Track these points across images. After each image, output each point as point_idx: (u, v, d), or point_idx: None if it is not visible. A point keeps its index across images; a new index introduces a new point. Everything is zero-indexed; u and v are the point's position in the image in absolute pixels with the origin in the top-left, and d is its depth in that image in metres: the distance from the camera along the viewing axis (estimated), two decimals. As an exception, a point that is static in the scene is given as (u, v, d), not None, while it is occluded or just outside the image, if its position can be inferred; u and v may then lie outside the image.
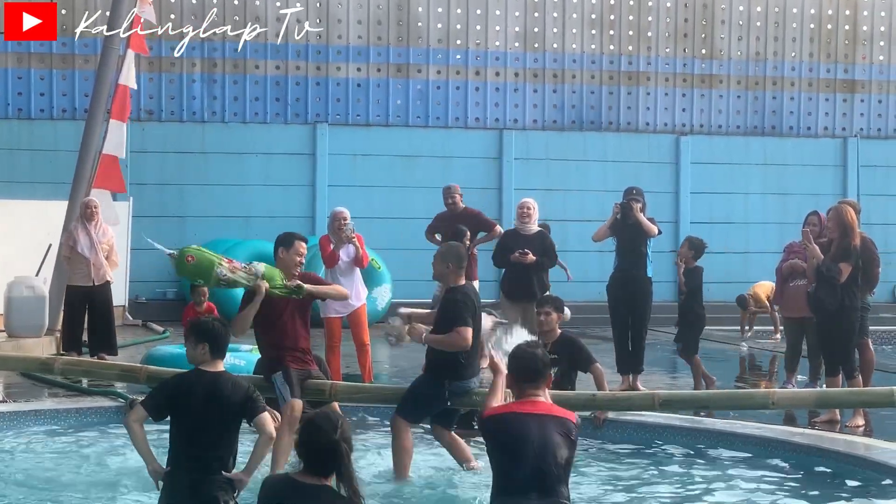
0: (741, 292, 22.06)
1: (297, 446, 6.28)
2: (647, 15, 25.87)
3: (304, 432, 6.27)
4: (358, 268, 14.76)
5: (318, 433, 6.19)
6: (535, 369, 7.19)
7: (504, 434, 6.96)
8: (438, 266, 10.30)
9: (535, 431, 6.89)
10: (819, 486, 10.32)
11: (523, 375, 7.21)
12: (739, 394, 11.51)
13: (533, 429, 6.90)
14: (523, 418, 6.96)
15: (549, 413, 7.05)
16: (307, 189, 24.32)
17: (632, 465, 11.13)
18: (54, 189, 20.06)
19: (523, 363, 7.23)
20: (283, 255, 10.44)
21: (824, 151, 26.48)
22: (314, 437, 6.20)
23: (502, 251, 15.06)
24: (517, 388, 7.25)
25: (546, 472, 6.83)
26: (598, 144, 25.45)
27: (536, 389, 7.16)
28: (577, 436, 7.06)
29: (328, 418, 6.33)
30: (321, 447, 6.16)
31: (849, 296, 12.50)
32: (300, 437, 6.29)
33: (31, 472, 10.47)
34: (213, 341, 7.69)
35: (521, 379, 7.22)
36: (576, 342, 12.05)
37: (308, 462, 6.19)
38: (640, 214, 14.56)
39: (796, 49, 26.50)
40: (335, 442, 6.15)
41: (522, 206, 15.27)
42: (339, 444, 6.15)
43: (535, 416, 6.98)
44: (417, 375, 10.44)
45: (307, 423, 6.37)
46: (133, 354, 17.35)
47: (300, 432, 6.32)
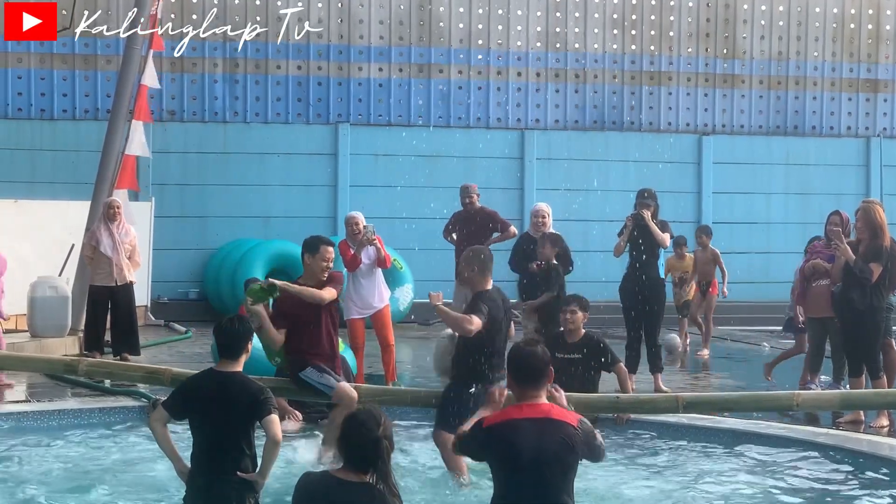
0: (760, 292, 21.99)
1: (339, 441, 6.20)
2: (669, 14, 25.82)
3: (347, 427, 6.19)
4: (380, 269, 14.78)
5: (361, 428, 6.13)
6: (534, 368, 6.77)
7: (501, 444, 6.59)
8: (465, 270, 10.28)
9: (532, 438, 6.52)
10: (843, 486, 10.30)
11: (522, 375, 6.77)
12: (764, 395, 11.45)
13: (530, 436, 6.53)
14: (520, 425, 6.58)
15: (547, 417, 6.63)
16: (329, 189, 24.32)
17: (650, 464, 11.12)
18: (76, 189, 20.11)
19: (522, 363, 6.80)
20: (310, 261, 10.42)
21: (847, 151, 26.38)
22: (357, 433, 6.13)
23: (518, 256, 15.05)
24: (517, 389, 6.80)
25: (547, 482, 6.51)
26: (620, 144, 25.40)
27: (537, 390, 6.75)
28: (582, 441, 6.63)
29: (371, 414, 6.26)
30: (364, 443, 6.10)
31: (877, 296, 12.49)
32: (342, 432, 6.20)
33: (56, 472, 10.50)
34: (221, 342, 7.71)
35: (520, 379, 6.77)
36: (600, 341, 12.05)
37: (349, 458, 6.14)
38: (652, 223, 14.56)
39: (819, 49, 26.41)
40: (378, 438, 6.10)
41: (537, 213, 15.27)
42: (381, 440, 6.09)
43: (533, 421, 6.59)
44: (447, 386, 10.39)
45: (350, 418, 6.29)
46: (156, 355, 17.40)
47: (342, 427, 6.23)
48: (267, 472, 7.53)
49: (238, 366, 7.67)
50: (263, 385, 7.75)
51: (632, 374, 14.02)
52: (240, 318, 7.91)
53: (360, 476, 6.12)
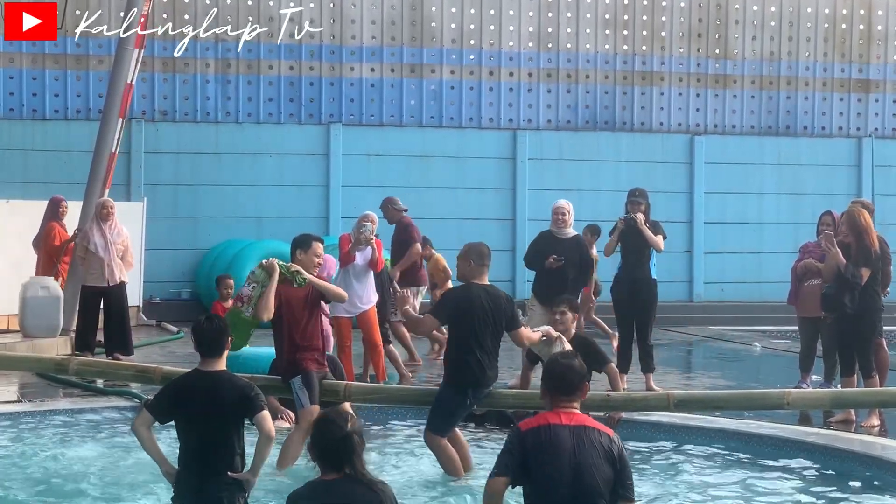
0: (752, 293, 21.92)
1: (310, 447, 6.24)
2: (660, 15, 25.84)
3: (317, 430, 6.22)
4: (372, 271, 14.78)
5: (330, 426, 6.15)
6: (570, 381, 6.83)
7: (537, 450, 6.59)
8: (461, 265, 10.32)
9: (570, 443, 6.57)
10: (834, 486, 10.30)
11: (558, 387, 6.83)
12: (754, 394, 11.46)
13: (568, 441, 6.58)
14: (557, 430, 6.62)
15: (583, 424, 6.70)
16: (321, 189, 24.32)
17: (641, 468, 11.12)
18: (68, 189, 20.07)
19: (559, 375, 6.86)
20: (302, 257, 10.50)
21: (839, 151, 26.41)
22: (327, 431, 6.14)
23: (535, 254, 14.92)
24: (551, 400, 6.83)
25: (586, 490, 6.51)
26: (611, 144, 25.42)
27: (571, 402, 6.80)
28: (619, 456, 6.63)
29: (338, 413, 6.38)
30: (334, 440, 6.10)
31: (870, 297, 12.53)
32: (312, 436, 6.23)
33: (47, 473, 10.49)
34: (199, 341, 7.70)
35: (555, 391, 6.83)
36: (590, 342, 12.04)
37: (323, 459, 6.14)
38: (645, 227, 14.56)
39: (811, 49, 26.44)
40: (347, 434, 6.10)
41: (557, 210, 14.88)
42: (350, 435, 6.10)
43: (571, 427, 6.64)
44: (440, 386, 10.40)
45: (317, 421, 6.35)
46: (148, 354, 17.39)
47: (312, 432, 6.27)
48: (258, 470, 7.53)
49: (222, 364, 7.66)
50: (252, 382, 7.75)
51: (623, 374, 14.01)
52: (215, 315, 7.93)
53: (337, 474, 6.11)
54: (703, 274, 25.56)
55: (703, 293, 25.51)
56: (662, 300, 15.43)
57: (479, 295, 10.10)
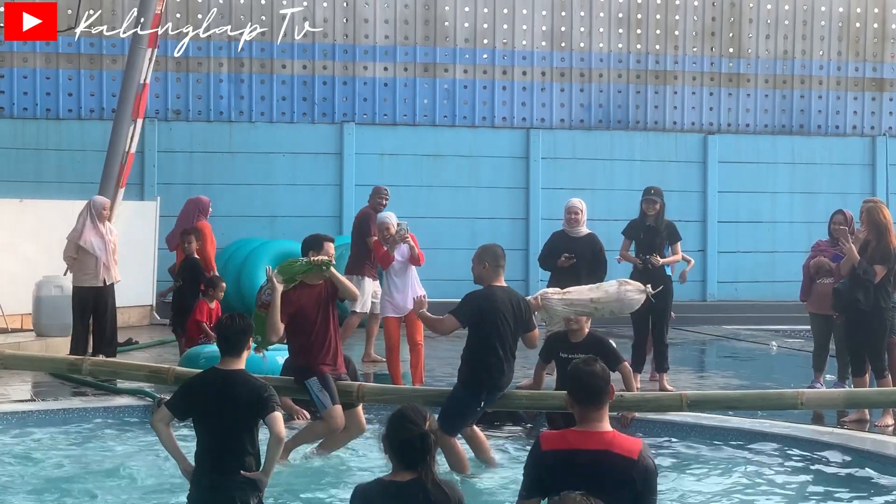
0: (766, 292, 21.90)
1: (384, 440, 6.09)
2: (674, 14, 25.80)
3: (392, 425, 6.09)
4: (413, 266, 14.76)
5: (407, 424, 6.04)
6: (594, 387, 6.45)
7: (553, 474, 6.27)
8: (476, 267, 10.32)
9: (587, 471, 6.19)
10: (848, 485, 10.28)
11: (582, 395, 6.45)
12: (768, 394, 11.42)
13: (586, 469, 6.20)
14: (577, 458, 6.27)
15: (608, 449, 6.29)
16: (334, 188, 24.32)
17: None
18: (81, 189, 20.10)
19: (582, 383, 6.47)
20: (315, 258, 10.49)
21: (852, 150, 26.34)
22: (404, 429, 6.03)
23: (549, 254, 14.92)
24: (577, 409, 6.45)
25: None
26: (625, 143, 25.39)
27: (599, 410, 6.41)
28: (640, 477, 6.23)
29: (416, 410, 6.19)
30: (411, 437, 5.99)
31: (883, 296, 12.49)
32: (388, 432, 6.08)
33: (61, 471, 10.51)
34: (222, 338, 7.71)
35: (580, 400, 6.45)
36: (603, 342, 12.01)
37: (399, 457, 6.04)
38: (667, 259, 14.70)
39: (824, 48, 26.38)
40: (425, 433, 6.01)
41: (570, 209, 14.96)
42: (427, 434, 6.01)
43: (591, 453, 6.28)
44: (454, 386, 10.39)
45: (394, 416, 6.17)
46: (160, 354, 17.39)
47: (388, 427, 6.11)
48: (270, 470, 7.53)
49: (240, 363, 7.66)
50: (267, 383, 7.75)
51: (637, 373, 14.00)
52: (239, 314, 7.91)
53: (411, 474, 6.01)
54: (717, 273, 25.50)
55: (716, 292, 25.46)
56: (675, 300, 15.40)
57: (501, 298, 10.12)
